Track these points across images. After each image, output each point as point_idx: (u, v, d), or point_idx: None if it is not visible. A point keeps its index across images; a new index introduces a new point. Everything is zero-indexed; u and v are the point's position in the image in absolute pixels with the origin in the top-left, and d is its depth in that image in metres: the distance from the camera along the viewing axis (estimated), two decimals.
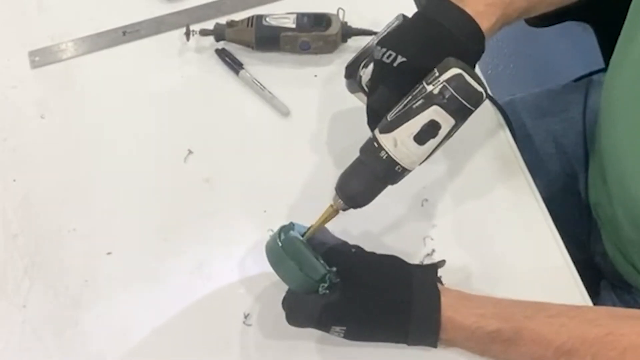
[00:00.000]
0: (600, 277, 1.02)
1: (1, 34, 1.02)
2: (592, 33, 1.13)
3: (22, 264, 0.85)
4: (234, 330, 0.81)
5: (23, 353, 0.81)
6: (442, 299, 0.72)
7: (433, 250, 0.85)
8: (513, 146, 0.93)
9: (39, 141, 0.94)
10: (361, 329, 0.73)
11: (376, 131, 0.73)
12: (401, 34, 0.77)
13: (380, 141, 0.72)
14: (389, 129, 0.72)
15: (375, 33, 0.97)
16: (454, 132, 0.72)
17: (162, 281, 0.85)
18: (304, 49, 0.97)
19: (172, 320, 0.82)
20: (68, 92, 0.98)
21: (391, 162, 0.72)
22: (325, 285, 0.72)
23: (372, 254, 0.77)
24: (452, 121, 0.70)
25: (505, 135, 0.93)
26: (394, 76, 0.75)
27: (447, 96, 0.69)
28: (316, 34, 0.96)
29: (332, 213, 0.75)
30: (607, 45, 1.06)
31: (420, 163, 0.73)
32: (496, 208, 0.89)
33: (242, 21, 0.98)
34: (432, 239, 0.86)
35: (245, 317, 0.82)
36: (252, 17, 0.97)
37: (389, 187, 0.75)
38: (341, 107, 0.94)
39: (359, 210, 0.76)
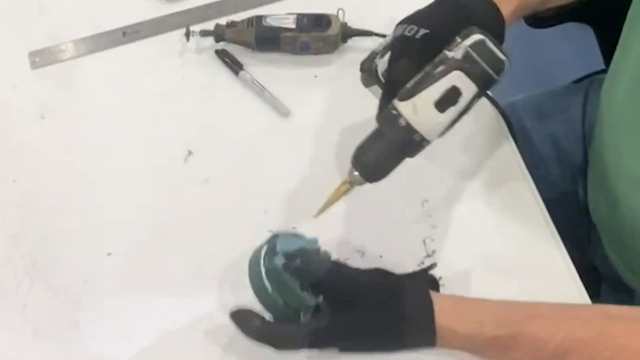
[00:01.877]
0: (600, 280, 1.02)
1: (1, 34, 1.03)
2: (592, 34, 1.13)
3: (22, 264, 0.85)
4: (233, 331, 0.81)
5: (23, 353, 0.81)
6: (436, 308, 0.70)
7: (433, 251, 0.85)
8: (513, 147, 0.93)
9: (39, 141, 0.94)
10: (356, 348, 0.72)
11: (395, 100, 0.71)
12: (424, 11, 0.76)
13: (398, 108, 0.70)
14: (408, 95, 0.70)
15: (375, 34, 0.97)
16: (475, 103, 0.70)
17: (162, 281, 0.85)
18: (304, 49, 0.97)
19: (171, 321, 0.82)
20: (68, 93, 0.98)
21: (410, 129, 0.70)
22: (309, 313, 0.70)
23: (359, 271, 0.73)
24: (474, 88, 0.69)
25: (506, 136, 0.93)
26: (416, 48, 0.73)
27: (469, 61, 0.68)
28: (316, 34, 0.96)
29: (347, 188, 0.73)
30: (607, 46, 1.06)
31: (440, 135, 0.71)
32: (496, 209, 0.89)
33: (242, 22, 0.98)
34: (432, 240, 0.86)
35: None
36: (252, 17, 0.97)
37: (389, 187, 0.74)
38: (341, 108, 0.94)
39: (359, 210, 0.76)
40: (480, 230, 0.87)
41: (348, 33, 0.98)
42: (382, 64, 0.79)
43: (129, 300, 0.84)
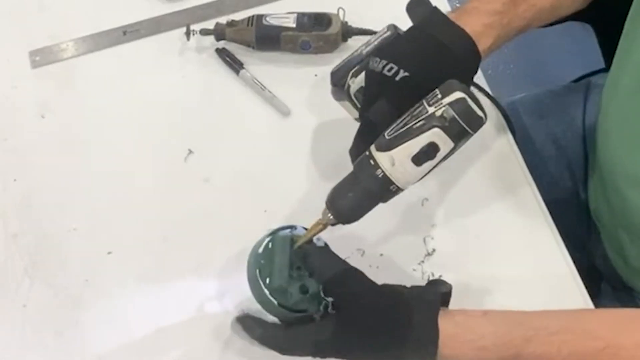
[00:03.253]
0: (601, 280, 1.02)
1: (1, 33, 1.02)
2: (592, 33, 1.13)
3: (23, 264, 0.85)
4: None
5: (23, 353, 0.81)
6: (442, 337, 0.69)
7: (434, 250, 0.85)
8: (514, 147, 0.93)
9: (39, 141, 0.94)
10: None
11: (372, 148, 0.72)
12: (401, 47, 0.77)
13: (377, 159, 0.71)
14: (386, 147, 0.71)
15: (375, 33, 0.97)
16: (450, 155, 0.72)
17: (162, 281, 0.85)
18: (305, 48, 0.97)
19: (172, 320, 0.82)
20: (68, 92, 0.98)
21: (387, 181, 0.71)
22: (320, 312, 0.71)
23: (372, 284, 0.73)
24: (451, 144, 0.70)
25: (506, 136, 0.93)
26: (396, 90, 0.74)
27: (449, 119, 0.69)
28: (316, 33, 0.96)
29: (321, 228, 0.74)
30: (608, 45, 1.06)
31: (414, 184, 0.73)
32: (497, 208, 0.89)
33: (242, 21, 0.98)
34: (432, 238, 0.86)
35: None
36: (253, 16, 0.97)
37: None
38: (341, 107, 0.94)
39: None
40: (480, 230, 0.87)
41: (348, 32, 0.98)
42: (355, 84, 0.81)
43: (129, 300, 0.84)
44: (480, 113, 0.70)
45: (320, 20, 0.97)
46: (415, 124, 0.70)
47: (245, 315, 0.74)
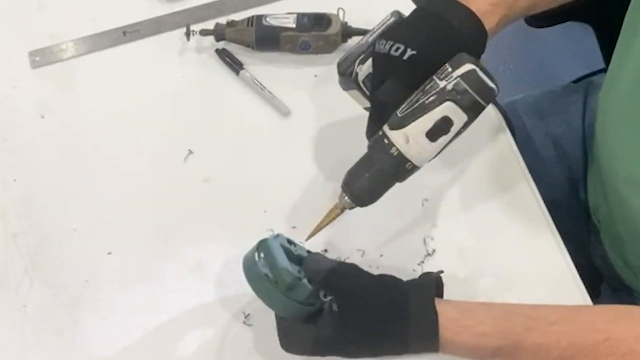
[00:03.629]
0: (601, 280, 1.02)
1: (1, 33, 1.02)
2: (592, 33, 1.13)
3: (22, 264, 0.85)
4: (234, 330, 0.81)
5: (23, 353, 0.81)
6: (440, 320, 0.70)
7: (434, 250, 0.85)
8: (514, 147, 0.93)
9: (39, 141, 0.94)
10: (355, 356, 0.73)
11: (385, 127, 0.72)
12: (407, 27, 0.76)
13: (390, 138, 0.71)
14: (400, 125, 0.71)
15: None
16: (464, 130, 0.72)
17: (162, 281, 0.85)
18: (304, 48, 0.97)
19: (172, 320, 0.82)
20: (68, 92, 0.98)
21: (402, 159, 0.71)
22: (326, 301, 0.71)
23: (368, 276, 0.74)
24: (464, 117, 0.70)
25: (506, 136, 0.93)
26: (404, 69, 0.74)
27: (460, 92, 0.69)
28: (316, 33, 0.96)
29: (338, 212, 0.74)
30: (607, 45, 1.06)
31: (429, 160, 0.73)
32: (496, 208, 0.88)
33: (242, 21, 0.98)
34: (432, 239, 0.86)
35: (246, 317, 0.82)
36: (253, 17, 0.97)
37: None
38: (342, 107, 0.94)
39: (358, 210, 0.76)
40: (480, 230, 0.87)
41: (348, 32, 0.98)
42: (362, 71, 0.80)
43: (129, 300, 0.83)
44: (491, 84, 0.70)
45: (320, 21, 0.97)
46: (427, 99, 0.70)
47: None
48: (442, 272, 0.75)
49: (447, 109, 0.69)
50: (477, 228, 0.87)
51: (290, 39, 0.96)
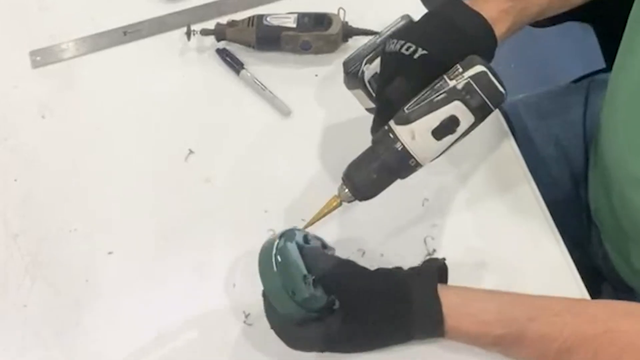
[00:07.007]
0: (602, 280, 1.02)
1: (2, 33, 1.02)
2: (592, 33, 1.12)
3: (23, 264, 0.85)
4: (234, 330, 0.81)
5: (23, 353, 0.81)
6: (444, 308, 0.71)
7: (434, 250, 0.85)
8: (514, 147, 0.93)
9: (40, 141, 0.94)
10: (363, 349, 0.74)
11: (392, 122, 0.72)
12: (420, 29, 0.77)
13: (396, 132, 0.71)
14: (406, 120, 0.71)
15: (376, 33, 0.97)
16: (470, 132, 0.72)
17: (163, 281, 0.85)
18: (305, 48, 0.97)
19: (172, 320, 0.82)
20: (69, 92, 0.98)
21: (406, 154, 0.71)
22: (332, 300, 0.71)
23: (369, 272, 0.74)
24: (471, 118, 0.70)
25: (507, 136, 0.93)
26: (414, 68, 0.74)
27: (470, 92, 0.69)
28: (317, 33, 0.96)
29: (337, 204, 0.74)
30: (608, 45, 1.06)
31: (432, 160, 0.73)
32: (497, 208, 0.89)
33: (243, 21, 0.98)
34: (432, 239, 0.86)
35: (246, 317, 0.82)
36: (253, 17, 0.97)
37: (392, 185, 0.74)
38: (342, 107, 0.94)
39: (359, 210, 0.76)
40: (481, 230, 0.87)
41: (349, 32, 0.98)
42: (369, 70, 0.80)
43: (129, 300, 0.84)
44: (501, 88, 0.70)
45: (320, 21, 0.97)
46: (436, 97, 0.70)
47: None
48: (445, 259, 0.76)
49: (455, 108, 0.69)
50: (478, 228, 0.87)
51: (290, 39, 0.96)
